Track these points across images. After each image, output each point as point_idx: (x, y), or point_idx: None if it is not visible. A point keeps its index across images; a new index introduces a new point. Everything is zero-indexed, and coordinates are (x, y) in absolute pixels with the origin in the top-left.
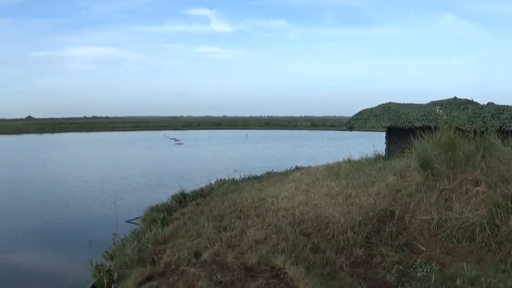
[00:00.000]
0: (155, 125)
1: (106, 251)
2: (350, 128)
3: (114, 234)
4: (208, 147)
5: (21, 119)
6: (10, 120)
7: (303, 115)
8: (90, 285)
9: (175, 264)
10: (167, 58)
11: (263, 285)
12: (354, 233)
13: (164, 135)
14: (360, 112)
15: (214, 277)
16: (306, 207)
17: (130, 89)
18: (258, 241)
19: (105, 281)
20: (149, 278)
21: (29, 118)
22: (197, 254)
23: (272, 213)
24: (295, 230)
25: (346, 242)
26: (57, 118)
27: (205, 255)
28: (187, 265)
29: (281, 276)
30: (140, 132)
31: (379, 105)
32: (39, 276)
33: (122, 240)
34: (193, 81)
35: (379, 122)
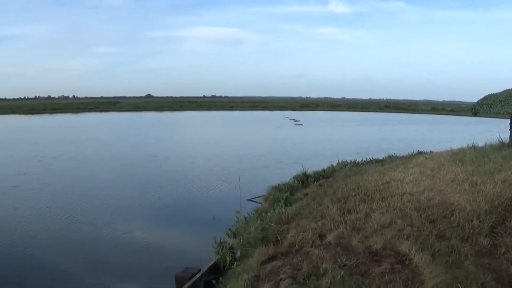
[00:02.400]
0: (273, 106)
1: (229, 229)
2: (475, 114)
3: (238, 212)
4: (327, 128)
5: (140, 97)
6: (130, 98)
7: (422, 98)
8: (213, 262)
9: (299, 245)
10: (285, 39)
11: (387, 270)
12: (480, 221)
13: (284, 116)
14: (485, 98)
15: (339, 260)
16: (432, 192)
17: (249, 69)
18: (383, 225)
19: (227, 258)
20: (272, 258)
21: (148, 96)
22: (322, 236)
23: (397, 198)
24: (420, 216)
25: (472, 231)
26: (176, 97)
27: (330, 237)
28: (311, 246)
29: (406, 262)
30: (258, 112)
31: (504, 90)
32: (162, 251)
33: (245, 218)
34: (312, 62)
35: (504, 108)
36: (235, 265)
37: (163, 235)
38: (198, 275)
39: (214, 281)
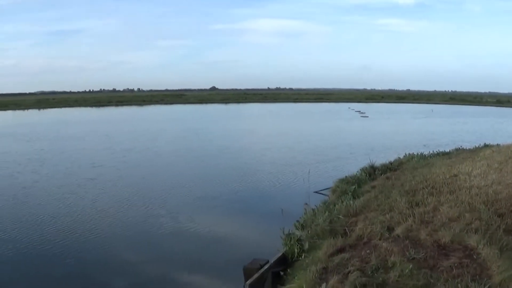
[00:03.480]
0: (338, 97)
1: (297, 221)
2: None
3: (306, 204)
4: (393, 120)
5: (205, 90)
6: (195, 90)
7: (486, 91)
8: (281, 253)
9: (367, 237)
10: (348, 30)
11: (455, 264)
12: None
13: (349, 108)
14: None
15: (407, 253)
16: (500, 186)
17: (313, 61)
18: (451, 219)
19: (295, 250)
20: (341, 250)
21: (213, 88)
22: (390, 229)
23: (465, 191)
24: (488, 210)
25: None
26: (240, 89)
27: (398, 230)
28: (380, 239)
29: (474, 256)
30: (323, 104)
31: None
32: (231, 243)
33: (313, 210)
34: (376, 54)
35: None
36: (303, 256)
37: (232, 226)
38: (266, 267)
39: (282, 273)
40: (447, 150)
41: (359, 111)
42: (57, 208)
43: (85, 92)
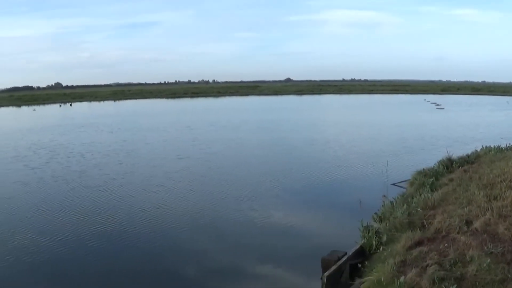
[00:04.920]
0: (413, 89)
1: (375, 213)
2: None
3: (384, 196)
4: (469, 112)
5: (280, 81)
6: (270, 82)
7: None
8: (359, 246)
9: (445, 231)
10: (423, 21)
11: None
12: None
13: (425, 99)
14: None
15: (485, 247)
16: None
17: (387, 52)
18: None
19: (373, 242)
20: (419, 243)
21: (288, 80)
22: (468, 222)
23: None
24: None
25: None
26: (315, 80)
27: (476, 224)
28: (458, 233)
29: None
30: (398, 95)
31: None
32: (308, 234)
33: (391, 202)
34: (451, 44)
35: None
36: (381, 249)
37: (310, 217)
38: (344, 258)
39: (359, 265)
40: None
41: (435, 103)
42: (147, 201)
43: (160, 83)
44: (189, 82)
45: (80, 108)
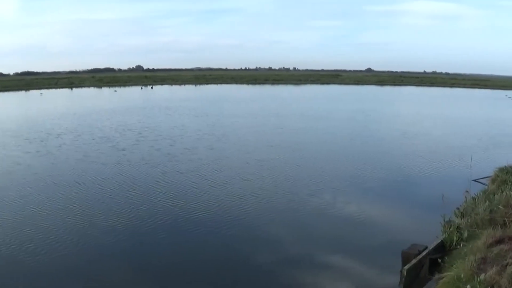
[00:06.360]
0: (495, 84)
1: (457, 208)
2: None
3: (467, 191)
4: None
5: (361, 71)
6: (350, 71)
7: None
8: (439, 240)
9: None
10: (505, 14)
11: None
12: None
13: (506, 95)
14: None
15: None
16: None
17: (469, 46)
18: None
19: (454, 238)
20: (500, 241)
21: (368, 70)
22: None
23: None
24: None
25: None
26: (396, 72)
27: None
28: None
29: None
30: (479, 90)
31: None
32: (388, 227)
33: (473, 198)
34: None
35: None
36: (461, 245)
37: (390, 210)
38: (424, 253)
39: (439, 260)
40: None
41: None
42: (244, 188)
43: (241, 69)
44: (270, 69)
45: (162, 91)
